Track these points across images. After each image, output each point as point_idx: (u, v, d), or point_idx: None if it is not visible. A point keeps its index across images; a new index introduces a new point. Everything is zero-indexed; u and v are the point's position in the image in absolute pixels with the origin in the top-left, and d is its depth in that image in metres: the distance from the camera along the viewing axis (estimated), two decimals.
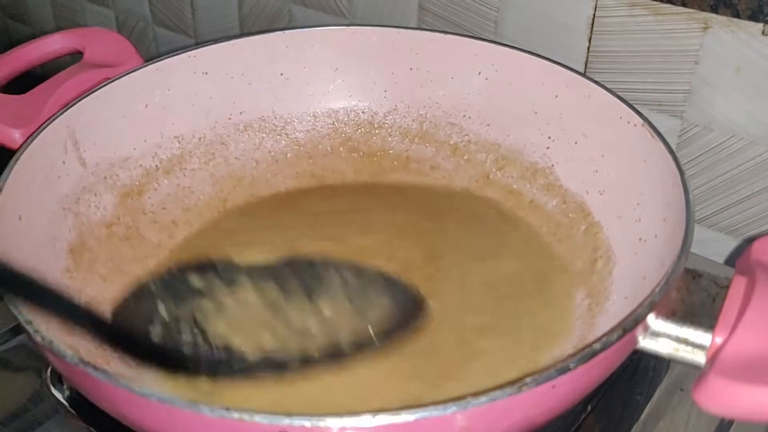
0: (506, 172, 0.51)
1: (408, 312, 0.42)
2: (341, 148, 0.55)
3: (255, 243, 0.46)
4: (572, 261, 0.45)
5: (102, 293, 0.43)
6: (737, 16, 0.47)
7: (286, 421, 0.27)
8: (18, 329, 0.46)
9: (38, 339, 0.30)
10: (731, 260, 0.54)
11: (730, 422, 0.42)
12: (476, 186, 0.52)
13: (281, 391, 0.38)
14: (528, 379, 0.28)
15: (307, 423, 0.27)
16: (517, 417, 0.30)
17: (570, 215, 0.47)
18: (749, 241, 0.52)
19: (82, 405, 0.42)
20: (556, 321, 0.42)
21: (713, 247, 0.55)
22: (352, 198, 0.52)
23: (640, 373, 0.44)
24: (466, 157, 0.53)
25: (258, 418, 0.27)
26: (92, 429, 0.41)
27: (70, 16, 0.96)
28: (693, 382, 0.32)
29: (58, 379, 0.43)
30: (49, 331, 0.31)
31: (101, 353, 0.38)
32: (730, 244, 0.54)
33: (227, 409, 0.27)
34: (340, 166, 0.54)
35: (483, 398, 0.27)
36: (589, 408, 0.42)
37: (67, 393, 0.43)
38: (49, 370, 0.44)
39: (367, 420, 0.27)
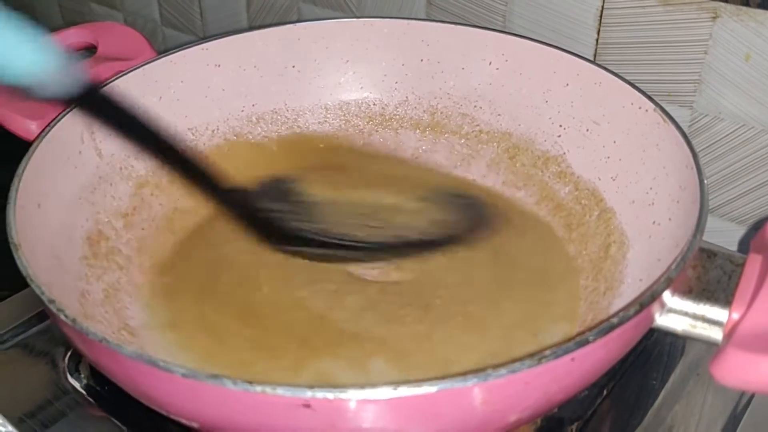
0: (518, 160, 0.52)
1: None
2: (352, 140, 0.55)
3: None
4: (586, 247, 0.45)
5: (119, 281, 0.43)
6: (746, 4, 0.48)
7: (308, 394, 0.27)
8: (38, 317, 0.47)
9: (61, 317, 0.31)
10: (742, 248, 0.54)
11: (746, 406, 0.42)
12: (488, 175, 0.52)
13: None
14: (547, 351, 0.28)
15: (329, 395, 0.27)
16: (537, 392, 0.30)
17: (583, 202, 0.47)
18: (761, 225, 0.52)
19: (100, 393, 0.42)
20: (572, 305, 0.43)
21: (725, 236, 0.55)
22: (362, 187, 0.52)
23: (655, 358, 0.44)
24: (477, 147, 0.53)
25: (281, 391, 0.27)
26: (111, 417, 0.41)
27: (79, 18, 0.97)
28: (709, 362, 0.32)
29: (75, 368, 0.44)
30: (71, 310, 0.31)
31: (118, 338, 0.38)
32: (742, 234, 0.54)
33: (250, 382, 0.27)
34: (351, 157, 0.55)
35: (503, 370, 0.27)
36: (605, 392, 0.42)
37: (84, 382, 0.43)
38: (66, 358, 0.44)
39: (388, 392, 0.27)
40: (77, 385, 0.43)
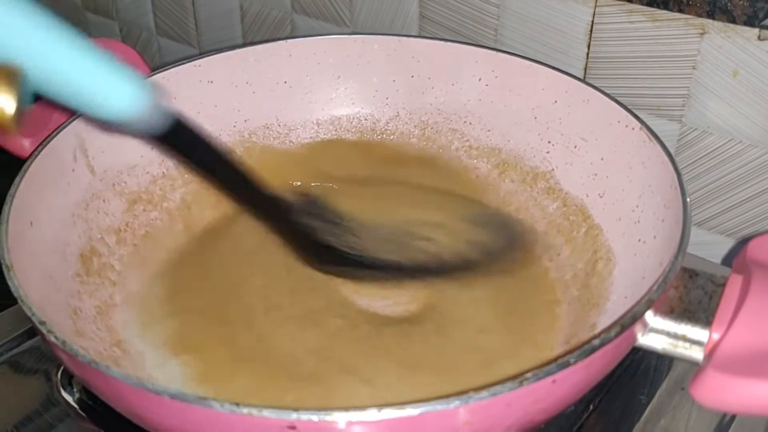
0: (507, 176, 0.52)
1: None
2: (344, 155, 0.56)
3: (267, 244, 0.46)
4: (573, 263, 0.46)
5: (112, 297, 0.44)
6: (733, 21, 0.48)
7: (293, 416, 0.27)
8: (31, 332, 0.47)
9: (51, 339, 0.31)
10: (728, 261, 0.55)
11: (730, 421, 0.42)
12: (479, 190, 0.53)
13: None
14: (529, 374, 0.28)
15: (314, 417, 0.27)
16: (519, 413, 0.30)
17: (570, 218, 0.48)
18: (746, 241, 0.53)
19: (92, 408, 0.43)
20: (556, 322, 0.43)
21: (713, 249, 0.55)
22: (355, 201, 0.52)
23: (641, 373, 0.45)
24: (467, 163, 0.54)
25: (266, 413, 0.27)
26: None
27: (74, 28, 0.97)
28: (689, 383, 0.32)
29: (68, 382, 0.44)
30: (61, 332, 0.32)
31: (110, 354, 0.38)
32: (730, 247, 0.55)
33: (237, 404, 0.28)
34: (342, 172, 0.55)
35: (484, 393, 0.28)
36: (591, 407, 0.43)
37: (77, 396, 0.43)
38: (59, 373, 0.45)
39: (372, 414, 0.27)
40: (70, 399, 0.43)
